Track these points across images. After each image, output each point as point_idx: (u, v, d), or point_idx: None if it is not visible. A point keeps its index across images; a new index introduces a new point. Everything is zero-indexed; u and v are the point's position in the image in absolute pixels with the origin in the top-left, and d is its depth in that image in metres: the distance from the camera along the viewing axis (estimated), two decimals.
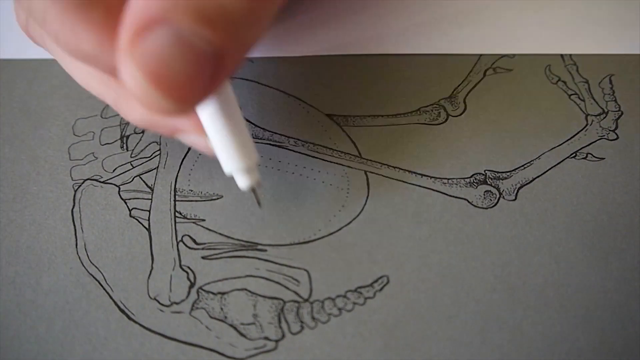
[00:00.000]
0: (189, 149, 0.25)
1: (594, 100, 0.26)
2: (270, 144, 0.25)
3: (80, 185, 0.25)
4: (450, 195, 0.23)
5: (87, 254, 0.23)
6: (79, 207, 0.24)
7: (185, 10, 0.15)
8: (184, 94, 0.16)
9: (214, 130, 0.19)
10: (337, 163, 0.25)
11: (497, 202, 0.23)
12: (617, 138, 0.25)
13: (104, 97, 0.22)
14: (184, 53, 0.15)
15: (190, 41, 0.15)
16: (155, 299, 0.22)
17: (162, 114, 0.17)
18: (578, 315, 0.20)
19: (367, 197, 0.24)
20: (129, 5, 0.15)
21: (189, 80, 0.16)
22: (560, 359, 0.19)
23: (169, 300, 0.21)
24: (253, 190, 0.22)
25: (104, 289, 0.22)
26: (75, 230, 0.23)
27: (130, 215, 0.24)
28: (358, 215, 0.23)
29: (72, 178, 0.25)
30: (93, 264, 0.23)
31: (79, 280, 0.22)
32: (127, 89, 0.16)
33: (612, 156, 0.24)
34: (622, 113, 0.26)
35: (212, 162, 0.25)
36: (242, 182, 0.21)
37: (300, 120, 0.26)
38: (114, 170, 0.25)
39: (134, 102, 0.20)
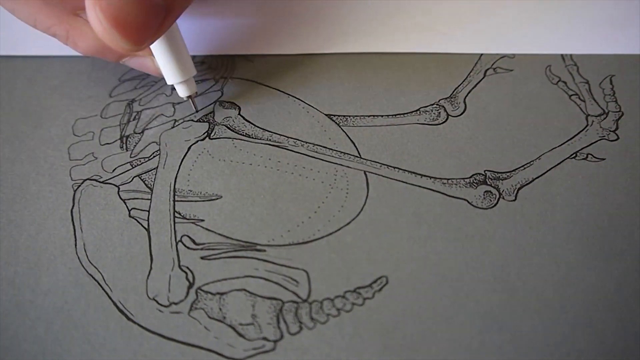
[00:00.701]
0: (189, 149, 0.25)
1: (595, 100, 0.26)
2: (269, 144, 0.25)
3: (79, 186, 0.25)
4: (449, 196, 0.23)
5: (87, 254, 0.23)
6: (79, 207, 0.24)
7: None
8: (140, 36, 0.20)
9: (160, 54, 0.24)
10: (336, 163, 0.25)
11: (497, 202, 0.23)
12: (618, 139, 0.25)
13: (53, 30, 0.24)
14: (141, 4, 0.19)
15: None
16: (154, 299, 0.21)
17: (123, 52, 0.22)
18: (578, 316, 0.20)
19: (367, 197, 0.24)
20: None
21: (144, 26, 0.20)
22: None
23: (168, 301, 0.21)
24: (190, 97, 0.26)
25: (103, 289, 0.22)
26: (74, 230, 0.23)
27: (130, 216, 0.24)
28: (357, 215, 0.23)
29: (71, 178, 0.25)
30: (92, 264, 0.23)
31: (78, 281, 0.22)
32: (94, 29, 0.19)
33: (613, 157, 0.24)
34: (622, 114, 0.26)
35: (210, 162, 0.25)
36: (182, 91, 0.25)
37: (299, 120, 0.26)
38: (113, 171, 0.25)
39: (85, 33, 0.24)
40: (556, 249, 0.22)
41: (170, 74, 0.25)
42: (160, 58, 0.24)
